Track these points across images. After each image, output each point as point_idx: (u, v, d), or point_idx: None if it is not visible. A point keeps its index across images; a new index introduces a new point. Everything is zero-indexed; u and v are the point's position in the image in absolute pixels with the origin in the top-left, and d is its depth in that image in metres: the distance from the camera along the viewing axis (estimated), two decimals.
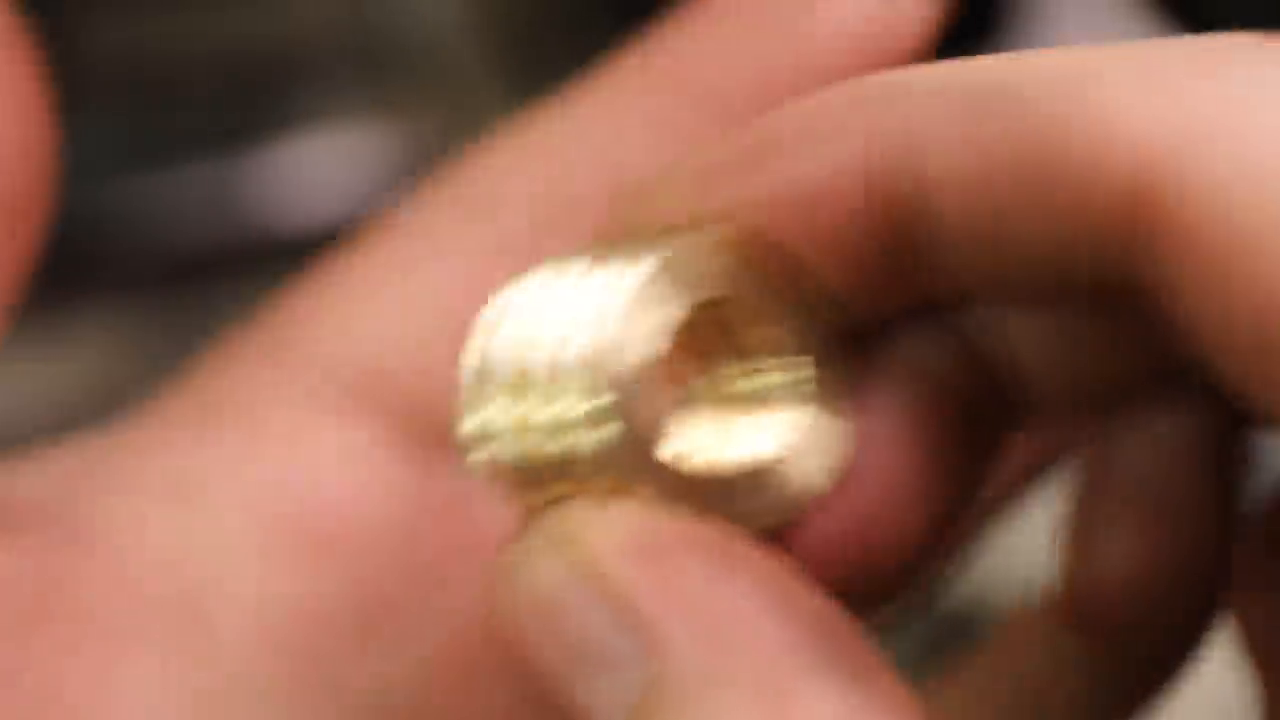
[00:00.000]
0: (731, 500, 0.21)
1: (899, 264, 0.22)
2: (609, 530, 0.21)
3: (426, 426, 0.25)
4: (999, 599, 0.43)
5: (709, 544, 0.21)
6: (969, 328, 0.23)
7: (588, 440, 0.21)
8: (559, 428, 0.21)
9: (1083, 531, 0.24)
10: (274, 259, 0.35)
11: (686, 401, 0.23)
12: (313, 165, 0.47)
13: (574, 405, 0.21)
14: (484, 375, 0.21)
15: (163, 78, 0.45)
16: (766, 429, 0.23)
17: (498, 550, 0.21)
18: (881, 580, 0.22)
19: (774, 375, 0.23)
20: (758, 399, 0.23)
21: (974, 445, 0.23)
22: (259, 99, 0.46)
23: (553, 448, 0.21)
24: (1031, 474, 0.27)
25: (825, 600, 0.20)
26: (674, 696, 0.20)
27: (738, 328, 0.23)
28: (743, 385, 0.23)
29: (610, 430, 0.21)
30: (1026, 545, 0.31)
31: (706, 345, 0.23)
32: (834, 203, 0.21)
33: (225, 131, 0.44)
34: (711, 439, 0.23)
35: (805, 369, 0.23)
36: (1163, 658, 0.24)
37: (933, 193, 0.21)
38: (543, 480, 0.21)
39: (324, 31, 0.48)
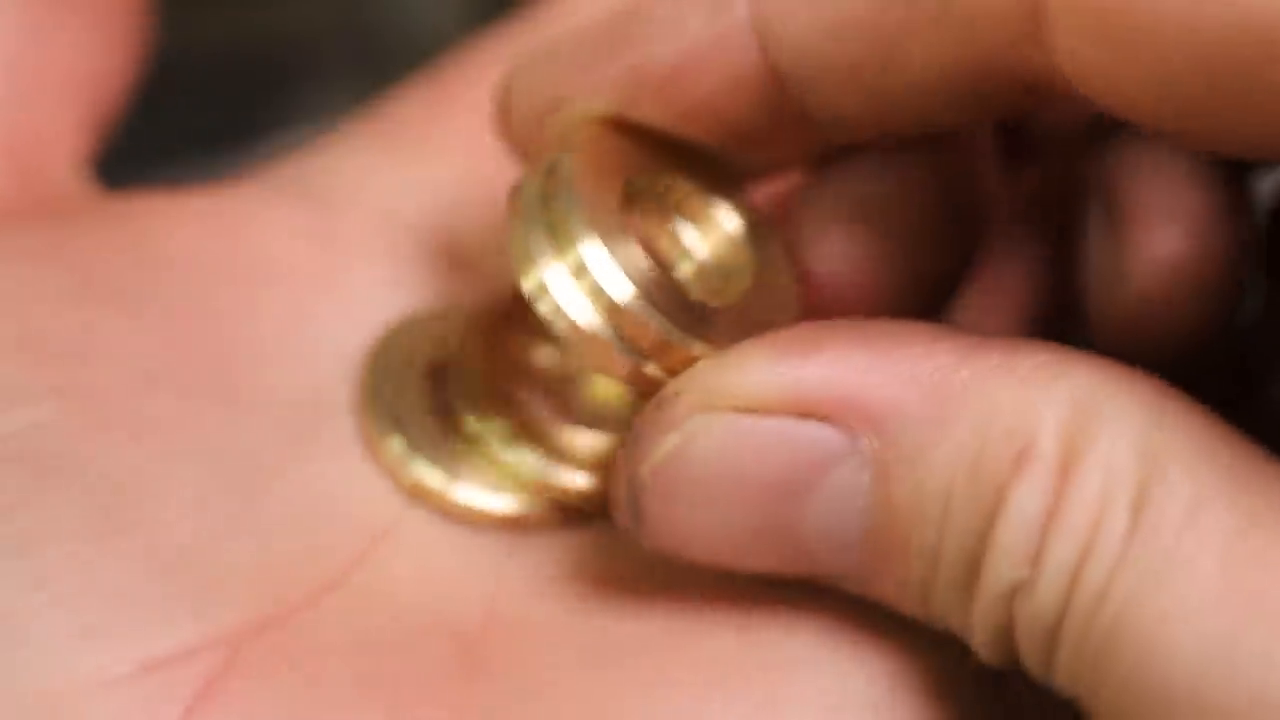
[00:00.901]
0: (735, 334, 0.22)
1: (783, 117, 0.22)
2: (746, 366, 0.21)
3: None
4: None
5: (836, 330, 0.21)
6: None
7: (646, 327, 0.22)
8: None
9: (1103, 237, 0.25)
10: None
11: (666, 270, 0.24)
12: None
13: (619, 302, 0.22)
14: (534, 243, 0.22)
15: (162, 77, 0.44)
16: (731, 266, 0.23)
17: (627, 483, 0.22)
18: None
19: (709, 228, 0.24)
20: (705, 250, 0.24)
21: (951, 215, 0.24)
22: (259, 99, 0.46)
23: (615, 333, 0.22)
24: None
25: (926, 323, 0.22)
26: (912, 448, 0.21)
27: (657, 201, 0.24)
28: (687, 245, 0.24)
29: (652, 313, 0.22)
30: None
31: (651, 222, 0.24)
32: (722, 68, 0.22)
33: (225, 130, 0.44)
34: (699, 288, 0.24)
35: (731, 214, 0.24)
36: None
37: (811, 52, 0.21)
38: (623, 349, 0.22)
39: (324, 31, 0.48)
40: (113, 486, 0.23)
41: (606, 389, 0.26)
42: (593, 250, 0.22)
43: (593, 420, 0.25)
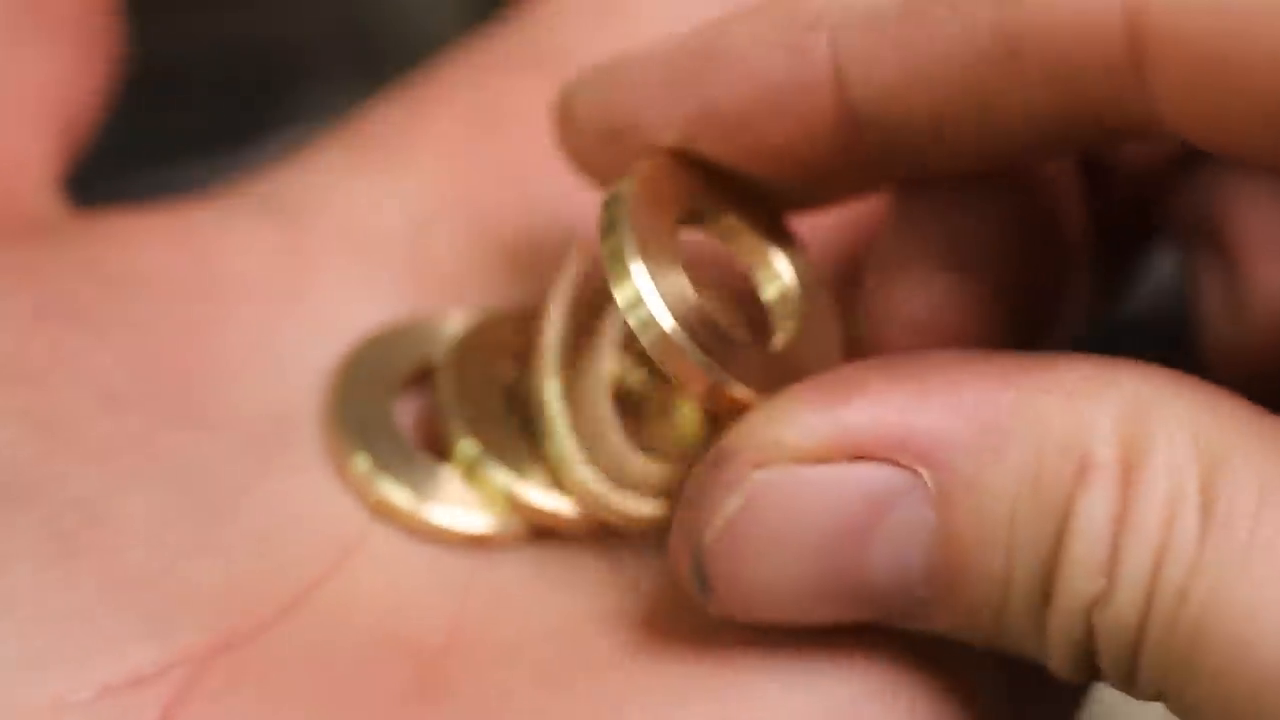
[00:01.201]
0: (782, 381, 0.22)
1: (855, 156, 0.22)
2: (796, 416, 0.21)
3: None
4: None
5: (875, 368, 0.21)
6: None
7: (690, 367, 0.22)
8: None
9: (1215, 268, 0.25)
10: None
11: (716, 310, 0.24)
12: None
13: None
14: (619, 261, 0.22)
15: (163, 77, 0.44)
16: (781, 310, 0.24)
17: (691, 552, 0.22)
18: None
19: (764, 273, 0.24)
20: (760, 294, 0.24)
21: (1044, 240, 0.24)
22: (259, 98, 0.46)
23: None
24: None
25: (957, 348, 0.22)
26: (970, 476, 0.21)
27: (716, 239, 0.24)
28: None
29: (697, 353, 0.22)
30: None
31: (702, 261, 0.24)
32: (797, 112, 0.22)
33: (225, 130, 0.44)
34: (745, 329, 0.24)
35: (784, 259, 0.24)
36: None
37: (897, 99, 0.21)
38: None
39: (324, 31, 0.48)
40: (74, 509, 0.23)
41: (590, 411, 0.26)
42: (645, 284, 0.22)
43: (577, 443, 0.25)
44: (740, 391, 0.22)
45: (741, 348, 0.22)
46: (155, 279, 0.25)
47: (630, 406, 0.26)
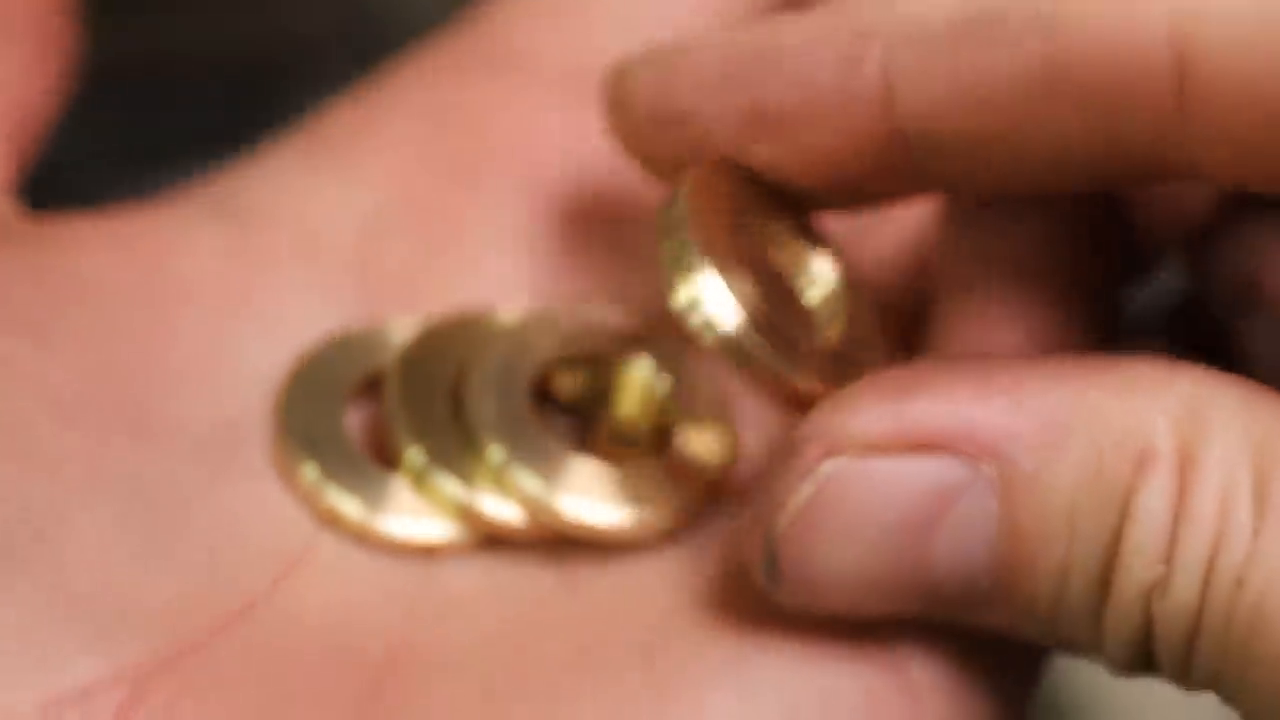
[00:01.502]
0: (839, 378, 0.23)
1: (897, 170, 0.23)
2: (865, 408, 0.22)
3: None
4: None
5: (939, 366, 0.22)
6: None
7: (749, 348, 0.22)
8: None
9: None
10: None
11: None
12: None
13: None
14: (682, 264, 0.23)
15: (163, 78, 0.44)
16: (825, 314, 0.24)
17: (763, 539, 0.22)
18: None
19: (808, 280, 0.25)
20: (806, 296, 0.25)
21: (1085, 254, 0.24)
22: (259, 99, 0.46)
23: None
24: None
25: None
26: (1032, 469, 0.21)
27: (764, 245, 0.24)
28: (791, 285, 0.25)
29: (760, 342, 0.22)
30: None
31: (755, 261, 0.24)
32: (844, 122, 0.22)
33: (225, 131, 0.44)
34: (800, 327, 0.24)
35: (827, 266, 0.25)
36: None
37: (942, 121, 0.22)
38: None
39: (324, 31, 0.48)
40: (18, 522, 0.22)
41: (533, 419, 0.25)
42: (712, 282, 0.22)
43: (524, 450, 0.25)
44: (806, 385, 0.22)
45: (801, 345, 0.23)
46: (104, 285, 0.25)
47: (572, 411, 0.26)
